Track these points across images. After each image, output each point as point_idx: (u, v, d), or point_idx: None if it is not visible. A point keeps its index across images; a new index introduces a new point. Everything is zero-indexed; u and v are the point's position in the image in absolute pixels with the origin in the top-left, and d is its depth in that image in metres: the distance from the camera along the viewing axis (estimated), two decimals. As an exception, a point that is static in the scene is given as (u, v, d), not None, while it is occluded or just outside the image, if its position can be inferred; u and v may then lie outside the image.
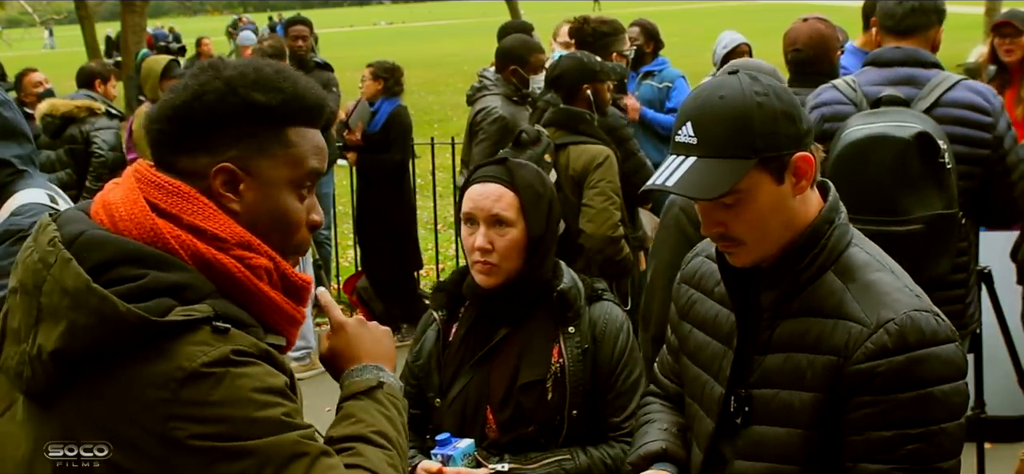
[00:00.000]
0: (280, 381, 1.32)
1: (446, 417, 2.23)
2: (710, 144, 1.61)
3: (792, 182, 1.64)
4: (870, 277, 1.65)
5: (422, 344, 2.35)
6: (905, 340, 1.56)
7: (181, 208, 1.33)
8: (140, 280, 1.27)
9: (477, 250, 2.19)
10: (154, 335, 1.24)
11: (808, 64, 3.83)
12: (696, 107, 1.65)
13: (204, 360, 1.24)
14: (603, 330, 2.26)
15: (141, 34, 17.79)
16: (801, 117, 1.65)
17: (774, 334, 1.69)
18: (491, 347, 2.25)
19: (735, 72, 1.67)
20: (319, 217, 1.48)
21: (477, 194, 2.22)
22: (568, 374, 2.20)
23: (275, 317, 1.40)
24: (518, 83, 4.70)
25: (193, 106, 1.36)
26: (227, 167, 1.36)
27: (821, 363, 1.62)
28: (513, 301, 2.24)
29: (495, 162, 2.31)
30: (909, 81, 3.07)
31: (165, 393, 1.23)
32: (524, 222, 2.20)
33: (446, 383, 2.27)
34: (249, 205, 1.38)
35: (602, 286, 2.37)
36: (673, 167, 1.63)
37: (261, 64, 1.41)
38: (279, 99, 1.38)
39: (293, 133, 1.40)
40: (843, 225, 1.71)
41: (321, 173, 1.46)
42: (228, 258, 1.33)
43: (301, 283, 1.44)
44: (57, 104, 5.89)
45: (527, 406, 2.18)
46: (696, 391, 1.86)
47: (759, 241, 1.67)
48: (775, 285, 1.69)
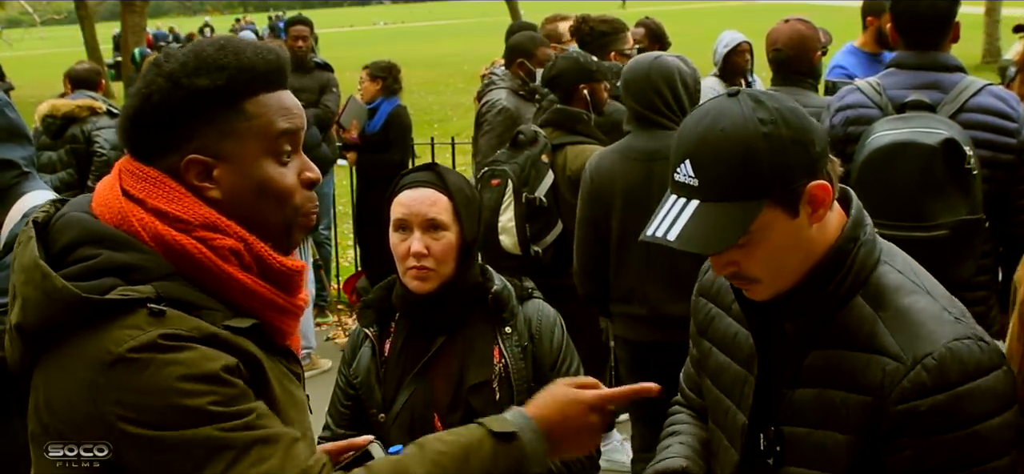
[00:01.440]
0: (217, 365, 1.26)
1: (393, 430, 2.23)
2: (713, 186, 1.44)
3: (808, 212, 1.48)
4: (904, 302, 1.49)
5: (358, 362, 2.33)
6: (946, 377, 1.41)
7: (147, 192, 1.34)
8: (93, 259, 1.29)
9: (412, 255, 2.19)
10: (91, 314, 1.25)
11: (788, 64, 3.95)
12: (695, 142, 1.47)
13: (130, 346, 1.23)
14: (539, 327, 2.30)
15: (141, 34, 17.81)
16: (813, 139, 1.47)
17: (803, 365, 1.55)
18: (431, 355, 2.26)
19: (735, 94, 1.49)
20: (313, 173, 1.45)
21: (410, 199, 2.22)
22: (512, 372, 2.23)
23: (247, 300, 1.37)
24: (525, 77, 4.71)
25: (144, 110, 1.35)
26: (195, 159, 1.35)
27: (855, 402, 1.48)
28: (447, 307, 2.25)
29: (423, 168, 2.31)
30: (934, 85, 3.07)
31: (95, 375, 1.24)
32: (458, 226, 2.22)
33: (389, 397, 2.28)
34: (228, 189, 1.37)
35: (531, 285, 2.41)
36: (674, 213, 1.47)
37: (202, 47, 1.38)
38: (224, 77, 1.35)
39: (251, 105, 1.37)
40: (870, 241, 1.55)
41: (295, 131, 1.42)
42: (189, 239, 1.32)
43: (280, 267, 1.40)
44: (58, 104, 5.88)
45: (477, 408, 2.20)
46: (718, 417, 1.75)
47: (776, 277, 1.52)
48: (799, 314, 1.54)
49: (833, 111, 3.28)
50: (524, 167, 3.64)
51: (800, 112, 1.49)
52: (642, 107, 3.30)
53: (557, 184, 3.69)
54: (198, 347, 1.26)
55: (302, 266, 1.44)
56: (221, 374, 1.26)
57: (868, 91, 3.19)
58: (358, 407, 2.34)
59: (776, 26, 4.05)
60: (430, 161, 2.50)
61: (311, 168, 1.45)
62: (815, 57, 4.03)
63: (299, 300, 1.45)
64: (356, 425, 2.35)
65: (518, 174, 3.62)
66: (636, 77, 3.33)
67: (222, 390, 1.26)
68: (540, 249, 3.68)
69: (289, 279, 1.41)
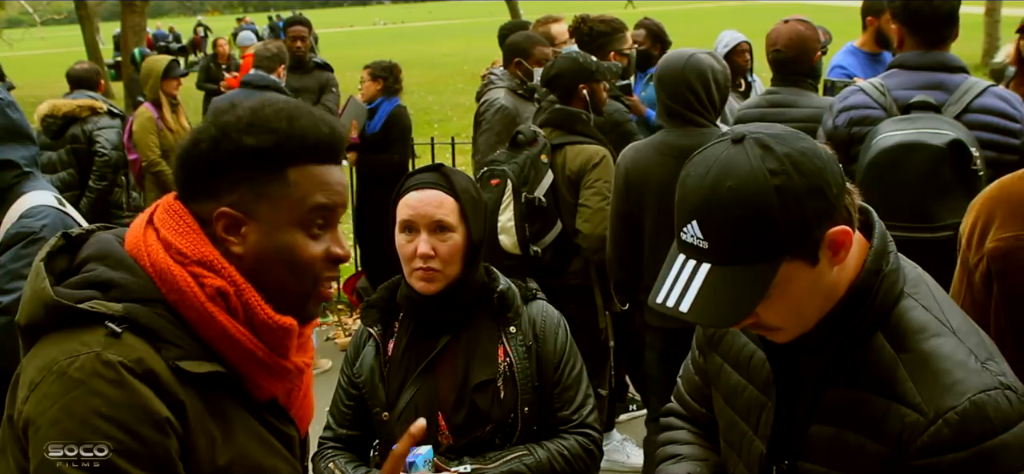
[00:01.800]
0: (138, 407, 1.27)
1: (397, 429, 2.23)
2: (724, 250, 1.33)
3: (828, 256, 1.38)
4: (927, 346, 1.40)
5: (361, 361, 2.34)
6: (969, 433, 1.33)
7: (164, 223, 1.40)
8: (91, 273, 1.36)
9: (419, 257, 2.20)
10: (62, 319, 1.31)
11: (788, 64, 3.94)
12: (701, 201, 1.34)
13: (72, 363, 1.27)
14: (543, 327, 2.31)
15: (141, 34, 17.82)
16: (829, 181, 1.35)
17: (820, 401, 1.48)
18: (435, 354, 2.27)
19: (740, 140, 1.37)
20: (341, 251, 1.45)
21: (417, 201, 2.22)
22: (517, 371, 2.24)
23: (223, 344, 1.37)
24: (523, 76, 4.71)
25: (192, 153, 1.40)
26: (226, 212, 1.38)
27: (873, 450, 1.41)
28: (452, 306, 2.26)
29: (430, 169, 2.31)
30: (938, 86, 3.07)
31: (35, 375, 1.30)
32: (465, 227, 2.22)
33: (393, 396, 2.28)
34: (252, 247, 1.39)
35: (534, 286, 2.42)
36: (684, 279, 1.37)
37: (263, 105, 1.40)
38: (271, 141, 1.37)
39: (294, 173, 1.39)
40: (893, 272, 1.45)
41: (331, 208, 1.42)
42: (182, 271, 1.35)
43: (268, 320, 1.39)
44: (59, 104, 5.88)
45: (482, 406, 2.21)
46: (735, 440, 1.67)
47: (796, 325, 1.44)
48: (817, 353, 1.46)
49: (836, 112, 3.28)
50: (523, 167, 3.64)
51: (812, 153, 1.37)
52: (677, 104, 3.35)
53: (557, 184, 3.69)
54: (134, 386, 1.27)
55: (293, 325, 1.42)
56: (132, 422, 1.26)
57: (872, 92, 3.19)
58: (361, 406, 2.34)
59: (776, 26, 4.05)
60: (433, 162, 2.50)
61: (341, 245, 1.46)
62: (815, 57, 4.04)
63: (289, 362, 1.44)
64: (358, 425, 2.36)
65: (517, 174, 3.63)
66: (672, 74, 3.37)
67: (125, 440, 1.26)
68: (539, 249, 3.68)
69: (277, 336, 1.41)
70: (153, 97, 6.34)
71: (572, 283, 3.75)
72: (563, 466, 2.23)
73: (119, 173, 5.91)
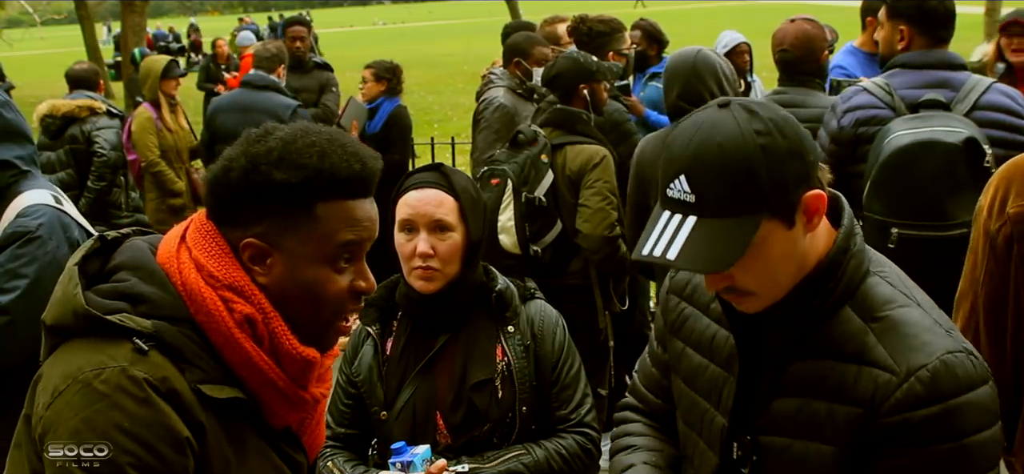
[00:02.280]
0: (160, 425, 1.28)
1: (395, 428, 2.24)
2: (712, 203, 1.40)
3: (803, 221, 1.46)
4: (895, 314, 1.48)
5: (359, 360, 2.34)
6: (939, 388, 1.41)
7: (197, 243, 1.40)
8: (123, 283, 1.36)
9: (418, 256, 2.20)
10: (91, 328, 1.32)
11: (795, 64, 3.91)
12: (690, 157, 1.42)
13: (98, 375, 1.27)
14: (541, 326, 2.31)
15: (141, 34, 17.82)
16: (808, 149, 1.46)
17: (785, 375, 1.53)
18: (434, 353, 2.26)
19: (726, 105, 1.46)
20: (366, 284, 1.45)
21: (416, 200, 2.23)
22: (515, 371, 2.24)
23: (246, 370, 1.38)
24: (522, 76, 4.71)
25: (222, 181, 1.39)
26: (252, 242, 1.38)
27: (843, 414, 1.47)
28: (451, 306, 2.26)
29: (429, 169, 2.31)
30: (943, 84, 3.08)
31: (59, 382, 1.30)
32: (464, 226, 2.23)
33: (391, 395, 2.28)
34: (276, 278, 1.39)
35: (533, 285, 2.42)
36: (670, 230, 1.43)
37: (297, 135, 1.39)
38: (301, 177, 1.36)
39: (323, 208, 1.38)
40: (860, 251, 1.53)
41: (359, 244, 1.42)
42: (213, 294, 1.36)
43: (293, 351, 1.40)
44: (57, 104, 5.89)
45: (480, 406, 2.21)
46: (694, 420, 1.71)
47: (770, 290, 1.50)
48: (785, 325, 1.52)
49: (840, 112, 3.27)
50: (524, 166, 3.65)
51: (793, 121, 1.47)
52: (687, 101, 3.36)
53: (557, 184, 3.69)
54: (157, 403, 1.28)
55: (316, 357, 1.43)
56: (152, 440, 1.27)
57: (877, 91, 3.18)
58: (359, 406, 2.34)
59: (782, 25, 4.00)
60: (433, 161, 2.50)
61: (366, 277, 1.45)
62: (822, 57, 4.00)
63: (308, 393, 1.45)
64: (357, 424, 2.36)
65: (517, 173, 3.63)
66: (684, 72, 3.43)
67: (146, 457, 1.27)
68: (539, 249, 3.68)
69: (299, 367, 1.42)
70: (152, 97, 6.34)
71: (572, 283, 3.75)
72: (561, 465, 2.23)
73: (118, 173, 5.90)
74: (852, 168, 3.29)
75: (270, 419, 1.44)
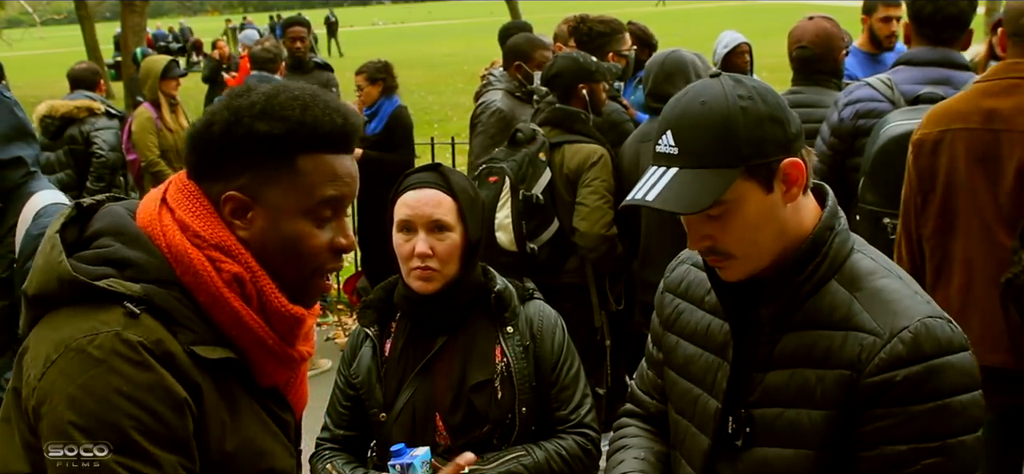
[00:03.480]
0: (157, 387, 1.27)
1: (394, 430, 2.24)
2: (692, 154, 1.51)
3: (782, 190, 1.54)
4: (878, 283, 1.56)
5: (358, 362, 2.34)
6: (921, 349, 1.47)
7: (179, 202, 1.39)
8: (106, 249, 1.35)
9: (417, 256, 2.19)
10: (78, 295, 1.30)
11: (813, 62, 3.87)
12: (677, 114, 1.55)
13: (91, 341, 1.26)
14: (540, 327, 2.31)
15: (141, 34, 17.82)
16: (789, 120, 1.54)
17: (776, 349, 1.60)
18: (432, 354, 2.26)
19: (717, 76, 1.57)
20: (346, 241, 1.45)
21: (415, 200, 2.22)
22: (514, 371, 2.24)
23: (235, 330, 1.38)
24: (522, 79, 4.71)
25: (204, 135, 1.39)
26: (234, 195, 1.38)
27: (832, 378, 1.53)
28: (449, 307, 2.25)
29: (427, 169, 2.31)
30: (945, 81, 3.10)
31: (51, 351, 1.28)
32: (463, 227, 2.22)
33: (390, 397, 2.28)
34: (257, 232, 1.39)
35: (532, 286, 2.42)
36: (654, 179, 1.54)
37: (280, 90, 1.40)
38: (284, 128, 1.36)
39: (304, 161, 1.38)
40: (844, 231, 1.61)
41: (340, 199, 1.43)
42: (199, 254, 1.35)
43: (282, 309, 1.40)
44: (56, 105, 5.88)
45: (480, 407, 2.21)
46: (686, 406, 1.77)
47: (750, 254, 1.57)
48: (775, 298, 1.59)
49: (842, 105, 3.30)
50: (521, 164, 3.65)
51: (777, 94, 1.56)
52: (655, 99, 3.64)
53: (554, 182, 3.69)
54: (153, 366, 1.27)
55: (304, 314, 1.44)
56: (153, 402, 1.27)
57: (878, 86, 3.22)
58: (358, 407, 2.34)
59: (800, 23, 3.97)
60: (433, 161, 2.50)
61: (346, 235, 1.46)
62: (839, 56, 3.98)
63: (295, 350, 1.45)
64: (356, 425, 2.35)
65: (515, 171, 3.63)
66: (653, 68, 3.76)
67: (147, 420, 1.26)
68: (536, 246, 3.68)
69: (288, 324, 1.42)
70: (152, 97, 6.34)
71: (568, 282, 3.75)
72: (561, 466, 2.23)
73: (116, 174, 5.90)
74: (851, 161, 3.32)
75: (260, 378, 1.44)
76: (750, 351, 1.64)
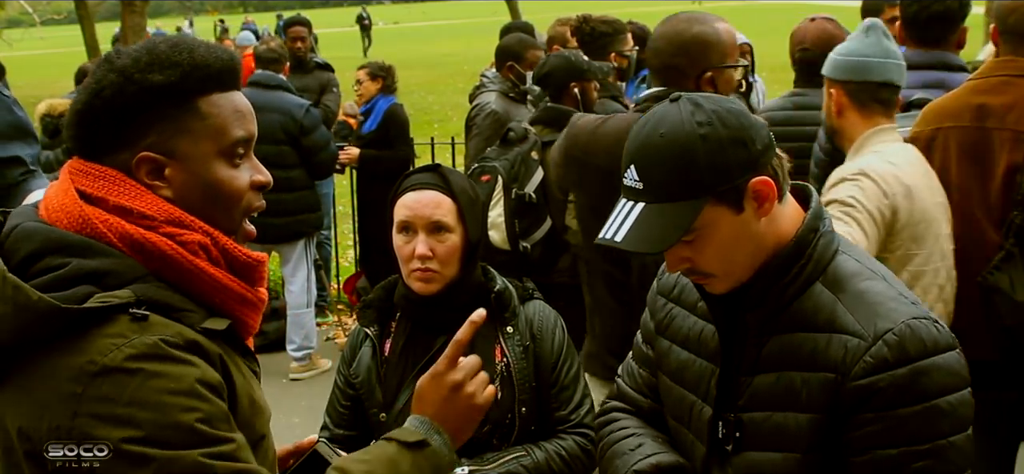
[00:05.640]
0: (203, 380, 1.25)
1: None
2: (656, 188, 1.51)
3: (754, 207, 1.53)
4: (862, 286, 1.56)
5: (358, 362, 2.33)
6: (906, 351, 1.47)
7: (107, 190, 1.31)
8: (62, 269, 1.25)
9: (417, 258, 2.19)
10: (70, 324, 1.21)
11: (815, 64, 3.84)
12: (637, 147, 1.54)
13: (117, 356, 1.20)
14: (540, 327, 2.30)
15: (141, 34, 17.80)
16: (753, 138, 1.52)
17: (763, 352, 1.59)
18: (432, 355, 2.24)
19: (677, 100, 1.56)
20: (264, 177, 1.43)
21: (415, 202, 2.21)
22: (514, 371, 2.23)
23: (219, 296, 1.36)
24: (515, 79, 4.71)
25: (95, 105, 1.32)
26: (146, 156, 1.33)
27: (817, 381, 1.53)
28: (450, 307, 2.23)
29: (427, 169, 2.30)
30: (939, 84, 3.09)
31: (76, 387, 1.20)
32: (462, 227, 2.21)
33: (390, 397, 2.27)
34: (179, 187, 1.35)
35: (531, 285, 2.41)
36: (622, 216, 1.54)
37: (154, 44, 1.36)
38: (178, 73, 1.32)
39: (204, 103, 1.35)
40: (829, 233, 1.61)
41: (248, 138, 1.40)
42: (158, 236, 1.30)
43: (247, 259, 1.39)
44: (56, 104, 5.88)
45: None
46: (682, 413, 1.76)
47: (730, 271, 1.58)
48: (760, 303, 1.59)
49: None
50: (514, 163, 3.65)
51: (739, 112, 1.53)
52: None
53: (547, 181, 3.69)
54: (188, 359, 1.25)
55: (264, 258, 1.43)
56: (203, 391, 1.25)
57: None
58: (357, 407, 2.33)
59: (802, 24, 3.93)
60: (432, 161, 2.49)
61: (261, 171, 1.43)
62: None
63: (261, 292, 1.44)
64: (355, 425, 2.35)
65: (508, 170, 3.63)
66: None
67: (205, 407, 1.24)
68: (528, 245, 3.68)
69: (253, 271, 1.41)
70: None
71: (560, 281, 3.74)
72: (561, 466, 2.23)
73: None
74: None
75: (244, 335, 1.43)
76: (738, 355, 1.64)
